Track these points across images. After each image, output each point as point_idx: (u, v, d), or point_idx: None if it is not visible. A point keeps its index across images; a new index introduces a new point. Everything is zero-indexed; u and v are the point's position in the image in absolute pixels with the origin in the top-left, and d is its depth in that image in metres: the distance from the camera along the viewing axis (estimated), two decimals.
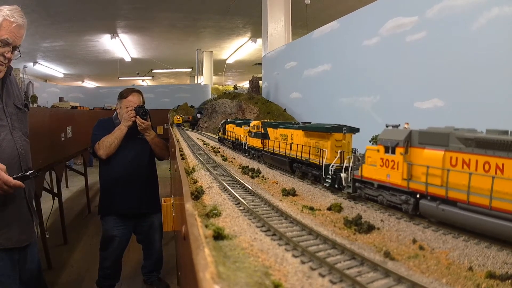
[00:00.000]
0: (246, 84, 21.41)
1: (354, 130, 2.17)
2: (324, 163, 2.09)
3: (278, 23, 8.19)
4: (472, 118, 2.70)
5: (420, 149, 1.54)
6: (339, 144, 2.12)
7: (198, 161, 3.12)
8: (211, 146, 4.33)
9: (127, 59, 18.61)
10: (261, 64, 8.69)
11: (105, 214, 4.49)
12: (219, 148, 4.22)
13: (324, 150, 2.12)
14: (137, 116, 4.27)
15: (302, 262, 1.12)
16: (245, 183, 2.23)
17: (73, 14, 11.68)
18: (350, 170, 1.90)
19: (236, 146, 3.96)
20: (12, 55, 2.70)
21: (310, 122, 2.81)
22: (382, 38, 3.90)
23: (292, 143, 2.53)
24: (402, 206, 1.60)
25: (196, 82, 21.62)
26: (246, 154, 3.52)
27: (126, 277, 5.03)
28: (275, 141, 2.81)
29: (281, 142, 2.70)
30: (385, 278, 1.05)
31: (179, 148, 3.84)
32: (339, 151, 2.06)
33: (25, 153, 2.85)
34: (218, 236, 1.21)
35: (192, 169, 2.67)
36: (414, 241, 1.36)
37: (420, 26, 3.35)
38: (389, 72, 3.83)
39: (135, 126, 4.30)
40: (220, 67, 20.34)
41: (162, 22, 13.26)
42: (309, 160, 2.28)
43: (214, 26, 13.98)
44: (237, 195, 1.88)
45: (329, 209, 1.77)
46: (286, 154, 2.58)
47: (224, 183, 2.18)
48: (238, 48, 17.44)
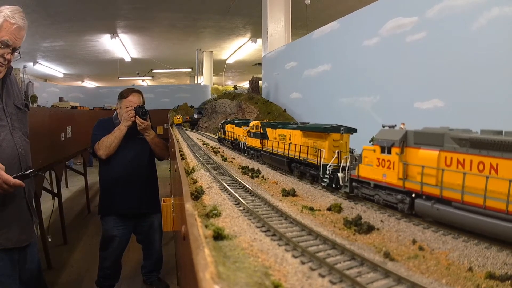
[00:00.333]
0: (246, 84, 21.41)
1: (351, 130, 2.19)
2: (321, 163, 2.11)
3: (278, 23, 8.19)
4: (472, 118, 2.70)
5: (415, 149, 1.55)
6: (337, 144, 2.14)
7: (198, 161, 3.12)
8: (211, 146, 4.33)
9: (127, 59, 18.61)
10: (261, 64, 8.69)
11: (105, 214, 4.49)
12: (219, 148, 4.22)
13: (321, 150, 2.14)
14: (136, 116, 4.27)
15: (302, 263, 1.12)
16: (245, 183, 2.23)
17: (73, 14, 11.68)
18: (347, 169, 1.92)
19: (235, 146, 3.97)
20: (12, 57, 2.69)
21: (309, 122, 2.83)
22: (382, 38, 3.90)
23: (290, 143, 2.55)
24: (398, 205, 1.61)
25: (196, 82, 21.62)
26: (245, 154, 3.53)
27: (126, 277, 5.03)
28: (274, 141, 2.83)
29: (279, 142, 2.71)
30: (385, 278, 1.05)
31: (179, 148, 3.84)
32: (337, 151, 2.08)
33: (25, 153, 2.84)
34: (218, 236, 1.21)
35: (192, 169, 2.67)
36: (414, 241, 1.36)
37: (420, 26, 3.35)
38: (389, 72, 3.83)
39: (135, 126, 4.30)
40: (220, 67, 20.35)
41: (162, 22, 13.26)
42: (307, 160, 2.30)
43: (214, 26, 13.98)
44: (237, 195, 1.88)
45: (329, 209, 1.77)
46: (284, 154, 2.59)
47: (224, 183, 2.18)
48: (238, 48, 17.44)
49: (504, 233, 1.19)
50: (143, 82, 26.47)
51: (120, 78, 21.75)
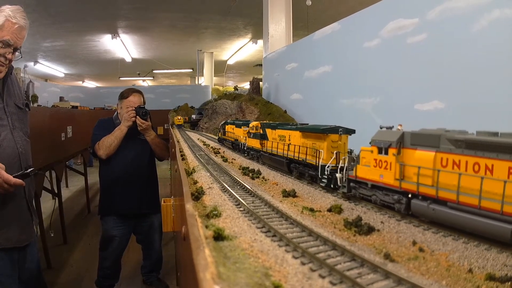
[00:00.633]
0: (246, 85, 21.41)
1: (350, 131, 2.22)
2: (320, 164, 2.13)
3: (279, 24, 8.19)
4: (473, 120, 2.70)
5: (412, 150, 1.57)
6: (335, 145, 2.17)
7: (199, 161, 3.12)
8: (212, 147, 4.33)
9: (128, 59, 18.63)
10: (261, 65, 8.70)
11: (105, 214, 4.49)
12: (219, 149, 4.22)
13: (320, 151, 2.16)
14: (137, 116, 4.27)
15: (302, 263, 1.12)
16: (245, 184, 2.23)
17: (74, 14, 11.69)
18: (345, 170, 1.94)
19: (235, 146, 3.98)
20: (13, 56, 2.70)
21: (308, 123, 2.84)
22: (383, 40, 3.90)
23: (289, 144, 2.57)
24: (394, 205, 1.63)
25: (196, 82, 21.64)
26: (245, 155, 3.53)
27: (126, 277, 5.03)
28: (274, 142, 2.84)
29: (279, 143, 2.73)
30: (385, 279, 1.05)
31: (180, 148, 3.84)
32: (335, 152, 2.10)
33: (25, 152, 2.84)
34: (218, 236, 1.21)
35: (192, 169, 2.67)
36: (414, 243, 1.36)
37: (421, 28, 3.35)
38: (389, 74, 3.83)
39: (135, 126, 4.30)
40: (220, 68, 20.36)
41: (163, 22, 13.27)
42: (306, 160, 2.32)
43: (215, 27, 13.99)
44: (237, 196, 1.88)
45: (329, 210, 1.77)
46: (284, 155, 2.61)
47: (224, 184, 2.19)
48: (239, 49, 17.45)
49: (498, 233, 1.20)
50: (144, 82, 26.49)
51: (120, 78, 21.75)
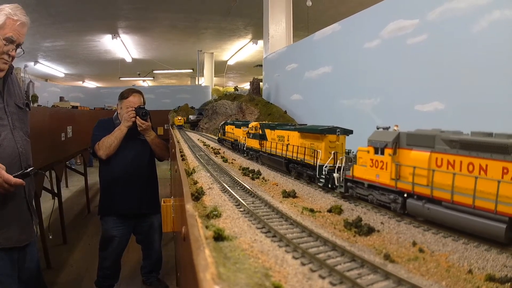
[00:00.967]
0: (247, 85, 21.39)
1: (347, 132, 2.24)
2: (318, 164, 2.15)
3: (279, 25, 8.19)
4: (473, 121, 2.70)
5: (407, 150, 1.59)
6: (333, 145, 2.19)
7: (199, 162, 3.12)
8: (212, 147, 4.34)
9: (128, 60, 18.62)
10: (262, 65, 8.70)
11: (105, 214, 4.49)
12: (220, 149, 4.22)
13: (318, 151, 2.19)
14: (137, 116, 4.27)
15: (302, 264, 1.12)
16: (245, 185, 2.23)
17: (74, 14, 11.69)
18: (342, 170, 1.96)
19: (235, 147, 4.00)
20: (15, 53, 2.71)
21: (306, 124, 2.86)
22: (383, 41, 3.90)
23: (288, 144, 2.59)
24: (390, 205, 1.65)
25: (197, 83, 21.64)
26: (245, 155, 3.54)
27: (125, 277, 5.02)
28: (273, 142, 2.87)
29: (278, 143, 2.76)
30: (385, 280, 1.05)
31: (180, 149, 3.84)
32: (333, 152, 2.12)
33: (25, 152, 2.84)
34: (219, 237, 1.21)
35: (192, 170, 2.67)
36: (414, 243, 1.36)
37: (421, 28, 3.35)
38: (390, 74, 3.83)
39: (135, 126, 4.30)
40: (221, 69, 20.36)
41: (163, 22, 13.27)
42: (304, 160, 2.34)
43: (215, 27, 14.00)
44: (237, 197, 1.88)
45: (329, 211, 1.77)
46: (282, 155, 2.63)
47: (224, 185, 2.19)
48: (239, 49, 17.45)
49: (492, 232, 1.21)
50: (144, 82, 26.49)
51: (121, 79, 21.76)
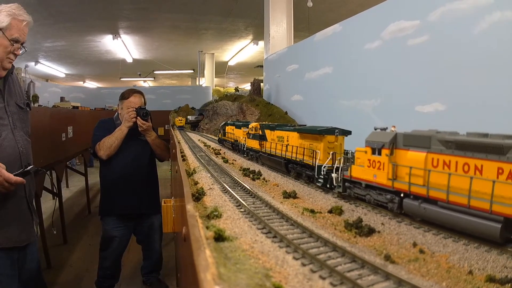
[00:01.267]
0: (247, 86, 21.44)
1: (346, 132, 2.27)
2: (317, 164, 2.17)
3: (280, 26, 8.20)
4: (473, 122, 2.70)
5: (404, 150, 1.61)
6: (332, 146, 2.21)
7: (199, 162, 3.12)
8: (212, 148, 4.34)
9: (129, 60, 18.63)
10: (262, 66, 8.70)
11: (105, 215, 4.49)
12: (220, 149, 4.23)
13: (317, 152, 2.20)
14: (137, 117, 4.28)
15: (303, 265, 1.12)
16: (246, 185, 2.23)
17: (75, 14, 11.70)
18: (340, 170, 1.98)
19: (235, 147, 4.01)
20: (20, 52, 2.73)
21: (306, 125, 2.87)
22: (384, 42, 3.90)
23: (287, 145, 2.60)
24: (387, 204, 1.66)
25: (197, 83, 21.63)
26: (245, 155, 3.55)
27: (126, 277, 5.02)
28: (272, 142, 2.88)
29: (277, 143, 2.78)
30: (385, 281, 1.05)
31: (180, 149, 3.84)
32: (331, 153, 2.14)
33: (26, 152, 2.85)
34: (219, 237, 1.21)
35: (193, 170, 2.67)
36: (415, 244, 1.36)
37: (422, 29, 3.35)
38: (390, 75, 3.83)
39: (136, 127, 4.31)
40: (221, 69, 20.37)
41: (164, 23, 13.28)
42: (303, 161, 2.35)
43: (216, 28, 14.01)
44: (238, 197, 1.88)
45: (329, 212, 1.78)
46: (282, 155, 2.65)
47: (225, 185, 2.19)
48: (240, 50, 17.46)
49: (488, 231, 1.22)
50: (145, 83, 26.51)
51: (121, 79, 21.78)
